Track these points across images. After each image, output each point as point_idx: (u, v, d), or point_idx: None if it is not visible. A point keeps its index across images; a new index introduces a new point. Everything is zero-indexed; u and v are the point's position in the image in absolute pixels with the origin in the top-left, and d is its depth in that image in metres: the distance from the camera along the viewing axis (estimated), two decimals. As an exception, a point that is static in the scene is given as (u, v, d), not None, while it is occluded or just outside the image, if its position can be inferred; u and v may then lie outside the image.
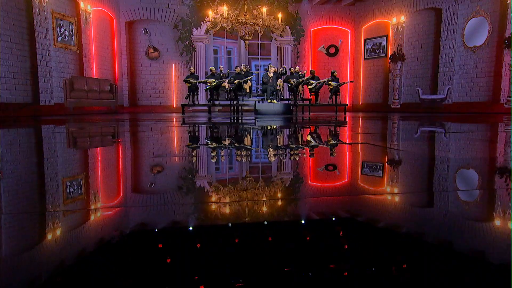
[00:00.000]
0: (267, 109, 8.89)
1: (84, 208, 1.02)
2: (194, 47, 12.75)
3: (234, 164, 1.79)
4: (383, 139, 2.82)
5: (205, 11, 11.80)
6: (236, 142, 2.71)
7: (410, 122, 5.47)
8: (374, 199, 1.10)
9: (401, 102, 12.04)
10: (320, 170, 1.56)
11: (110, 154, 2.16)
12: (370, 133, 3.35)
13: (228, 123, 5.37)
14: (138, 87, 12.82)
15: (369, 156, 1.95)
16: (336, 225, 0.89)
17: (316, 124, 5.02)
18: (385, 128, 4.06)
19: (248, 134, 3.40)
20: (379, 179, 1.41)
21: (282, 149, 2.20)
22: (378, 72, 12.83)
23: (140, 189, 1.27)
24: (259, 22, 9.83)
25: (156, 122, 5.59)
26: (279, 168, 1.63)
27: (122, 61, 12.36)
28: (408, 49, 11.77)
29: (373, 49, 12.96)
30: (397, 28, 11.98)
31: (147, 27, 12.48)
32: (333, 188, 1.26)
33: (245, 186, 1.25)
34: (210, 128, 4.41)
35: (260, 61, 13.62)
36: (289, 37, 13.15)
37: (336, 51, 13.72)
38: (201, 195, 1.17)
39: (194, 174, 1.50)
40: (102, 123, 5.25)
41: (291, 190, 1.23)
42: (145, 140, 2.85)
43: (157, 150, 2.21)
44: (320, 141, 2.67)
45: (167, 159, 1.85)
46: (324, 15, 13.39)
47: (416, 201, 1.08)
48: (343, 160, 1.87)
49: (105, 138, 3.17)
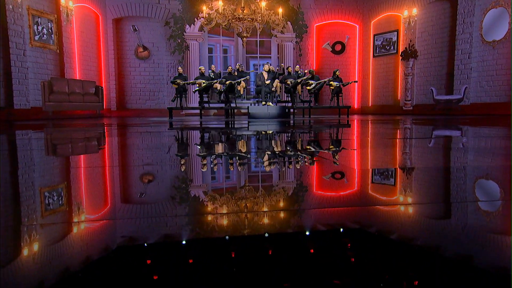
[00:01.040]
0: (261, 112, 8.75)
1: (65, 221, 1.02)
2: (187, 46, 12.72)
3: (198, 177, 1.73)
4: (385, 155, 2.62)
5: (198, 6, 11.87)
6: (210, 151, 2.67)
7: (423, 128, 5.30)
8: (384, 210, 1.11)
9: (414, 103, 11.86)
10: (305, 186, 1.50)
11: (81, 163, 2.16)
12: (369, 145, 3.15)
13: (216, 129, 5.38)
14: (127, 89, 12.79)
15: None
16: (344, 238, 0.90)
17: (311, 130, 4.99)
18: (390, 136, 3.87)
19: (231, 142, 3.31)
20: (389, 188, 1.40)
21: (263, 162, 2.12)
22: (389, 71, 12.65)
23: (114, 200, 1.27)
24: (257, 18, 9.77)
25: (141, 127, 5.59)
26: (258, 188, 1.49)
27: (109, 61, 12.33)
28: (421, 45, 11.59)
29: (383, 46, 12.81)
30: (409, 22, 11.82)
31: (136, 25, 12.47)
32: (333, 200, 1.26)
33: (221, 205, 1.20)
34: (191, 134, 4.38)
35: (259, 60, 13.48)
36: (291, 34, 13.07)
37: (343, 48, 13.58)
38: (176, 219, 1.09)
39: (168, 190, 1.43)
40: (79, 129, 5.21)
41: (273, 205, 1.20)
42: (115, 148, 2.86)
43: (121, 159, 2.20)
44: (303, 152, 2.52)
45: (136, 168, 1.85)
46: (329, 9, 13.27)
47: (431, 212, 1.09)
48: (332, 170, 1.82)
49: (69, 145, 3.14)
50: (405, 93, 11.99)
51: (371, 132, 4.31)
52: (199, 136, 4.17)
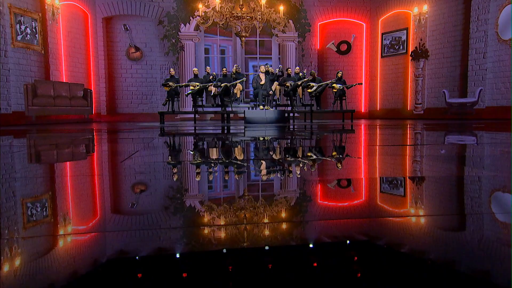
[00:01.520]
0: (258, 117, 8.65)
1: (49, 234, 1.02)
2: (182, 46, 12.67)
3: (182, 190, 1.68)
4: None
5: (194, 4, 11.79)
6: (197, 158, 2.66)
7: (434, 133, 5.19)
8: (394, 222, 1.12)
9: (425, 107, 11.77)
10: (304, 197, 1.47)
11: (66, 171, 2.16)
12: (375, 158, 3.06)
13: (209, 135, 5.43)
14: (118, 93, 12.71)
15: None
16: (351, 251, 0.91)
17: (311, 135, 4.94)
18: (399, 143, 3.79)
19: (222, 151, 3.24)
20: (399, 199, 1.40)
21: (260, 171, 2.10)
22: (398, 72, 12.56)
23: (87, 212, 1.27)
24: (257, 16, 9.73)
25: (129, 132, 5.62)
26: (254, 200, 1.44)
27: (98, 62, 12.26)
28: (432, 44, 11.49)
29: (391, 45, 12.73)
30: (419, 20, 11.74)
31: (127, 24, 12.43)
32: (337, 211, 1.27)
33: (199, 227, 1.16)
34: (179, 141, 4.41)
35: (259, 61, 13.35)
36: (293, 33, 12.99)
37: (349, 48, 13.48)
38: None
39: (158, 200, 1.43)
40: (62, 135, 5.16)
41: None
42: (100, 155, 2.90)
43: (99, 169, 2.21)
44: (302, 161, 2.47)
45: (126, 178, 1.86)
46: (334, 6, 13.19)
47: (445, 224, 1.10)
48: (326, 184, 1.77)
49: (52, 152, 3.15)
50: (415, 96, 11.90)
51: (377, 138, 4.28)
52: (187, 143, 4.14)
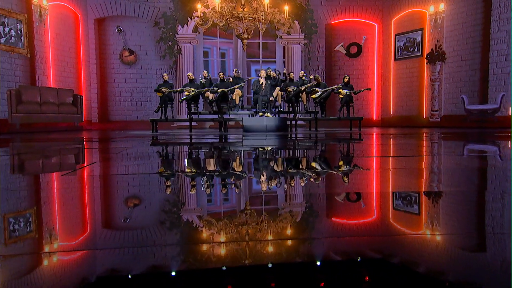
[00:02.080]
0: (257, 125, 8.53)
1: (34, 251, 1.04)
2: (179, 49, 12.65)
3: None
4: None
5: (192, 4, 11.76)
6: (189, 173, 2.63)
7: (451, 143, 5.13)
8: (408, 241, 1.12)
9: (442, 114, 11.64)
10: (306, 213, 1.49)
11: (49, 184, 2.16)
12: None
13: (201, 144, 5.49)
14: (110, 99, 12.69)
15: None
16: (363, 270, 0.92)
17: (315, 145, 4.98)
18: (412, 153, 3.76)
19: (211, 162, 3.20)
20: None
21: (259, 182, 2.14)
22: (413, 76, 12.46)
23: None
24: (260, 17, 9.64)
25: (118, 141, 5.71)
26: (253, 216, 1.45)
27: (90, 67, 12.25)
28: (449, 46, 11.37)
29: (405, 47, 12.66)
30: (435, 19, 11.64)
31: (121, 25, 12.42)
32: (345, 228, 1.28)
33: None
34: (169, 151, 4.45)
35: (262, 65, 13.26)
36: (298, 35, 12.94)
37: (359, 51, 13.41)
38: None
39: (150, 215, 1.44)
40: (40, 145, 5.16)
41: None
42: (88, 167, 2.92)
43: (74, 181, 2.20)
44: (304, 173, 2.46)
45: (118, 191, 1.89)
46: (343, 6, 13.10)
47: (463, 244, 1.10)
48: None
49: (37, 163, 3.15)
50: (431, 102, 11.79)
51: (387, 149, 4.29)
52: (171, 153, 4.13)
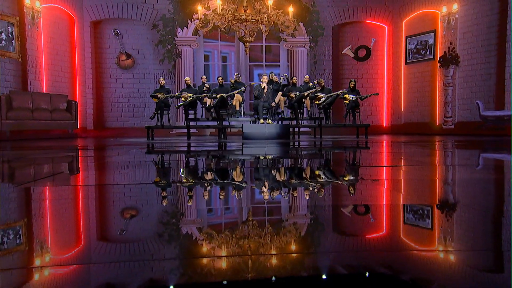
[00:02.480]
0: (257, 132, 8.61)
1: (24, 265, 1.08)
2: (178, 53, 12.67)
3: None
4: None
5: (192, 6, 11.74)
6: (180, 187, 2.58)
7: (465, 152, 5.15)
8: (420, 257, 1.13)
9: (456, 120, 11.51)
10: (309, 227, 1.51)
11: (38, 194, 2.16)
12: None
13: (197, 152, 5.50)
14: (106, 105, 12.70)
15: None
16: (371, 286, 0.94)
17: (315, 154, 4.90)
18: (422, 163, 3.69)
19: (203, 174, 3.17)
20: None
21: (261, 192, 2.16)
22: (425, 81, 12.35)
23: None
24: (263, 19, 9.67)
25: (108, 149, 5.72)
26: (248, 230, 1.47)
27: (85, 71, 12.28)
28: (463, 49, 11.26)
29: (417, 50, 12.59)
30: (448, 20, 11.56)
31: (118, 28, 12.44)
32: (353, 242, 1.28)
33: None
34: (163, 160, 4.46)
35: (265, 69, 13.23)
36: (303, 37, 12.90)
37: (368, 54, 13.34)
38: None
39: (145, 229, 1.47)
40: (35, 153, 5.20)
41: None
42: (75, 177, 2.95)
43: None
44: (307, 185, 2.43)
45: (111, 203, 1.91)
46: (350, 7, 13.04)
47: (478, 262, 1.10)
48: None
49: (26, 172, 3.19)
50: (444, 108, 11.68)
51: (395, 158, 4.29)
52: (160, 163, 4.13)
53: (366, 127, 8.76)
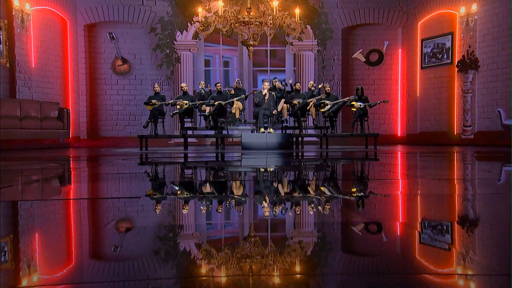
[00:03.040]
0: (257, 142, 8.55)
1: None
2: (177, 57, 12.70)
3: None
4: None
5: (192, 8, 11.82)
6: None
7: (486, 165, 5.07)
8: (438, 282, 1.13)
9: (475, 130, 11.33)
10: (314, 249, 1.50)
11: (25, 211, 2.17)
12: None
13: (191, 163, 5.52)
14: (101, 113, 12.72)
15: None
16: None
17: (318, 166, 4.87)
18: (437, 176, 3.72)
19: (187, 190, 3.09)
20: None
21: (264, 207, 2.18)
22: (442, 87, 12.22)
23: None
24: (268, 21, 9.59)
25: (93, 160, 5.77)
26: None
27: (78, 77, 12.33)
28: (483, 52, 11.13)
29: (433, 54, 12.48)
30: (467, 22, 11.44)
31: (113, 32, 12.50)
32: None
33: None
34: (155, 173, 4.47)
35: (270, 74, 13.19)
36: (311, 41, 12.93)
37: (380, 58, 13.28)
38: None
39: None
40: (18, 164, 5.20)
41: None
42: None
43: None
44: (312, 200, 2.45)
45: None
46: (361, 8, 13.00)
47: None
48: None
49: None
50: (463, 117, 11.55)
51: (407, 171, 4.27)
52: (149, 176, 4.12)
53: (375, 136, 8.68)
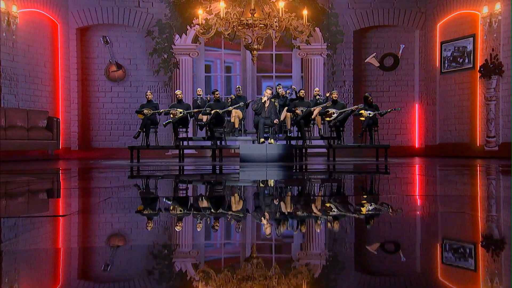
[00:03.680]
0: (255, 154, 8.55)
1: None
2: (176, 63, 12.69)
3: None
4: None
5: (192, 9, 11.83)
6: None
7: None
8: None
9: (500, 141, 11.06)
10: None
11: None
12: None
13: (179, 177, 5.59)
14: (93, 122, 12.72)
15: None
16: None
17: (318, 182, 4.91)
18: (457, 193, 3.77)
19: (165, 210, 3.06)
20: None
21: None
22: (463, 94, 12.03)
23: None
24: (273, 23, 9.54)
25: (86, 172, 5.94)
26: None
27: (70, 84, 12.34)
28: (507, 56, 10.88)
29: (453, 58, 12.28)
30: (490, 23, 11.26)
31: (107, 36, 12.49)
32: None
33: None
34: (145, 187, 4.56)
35: (275, 81, 13.07)
36: (320, 44, 12.86)
37: (396, 63, 13.14)
38: None
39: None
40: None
41: None
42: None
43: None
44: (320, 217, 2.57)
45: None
46: (375, 9, 12.89)
47: None
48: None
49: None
50: (486, 126, 11.32)
51: (421, 187, 4.27)
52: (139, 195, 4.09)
53: (386, 148, 8.59)
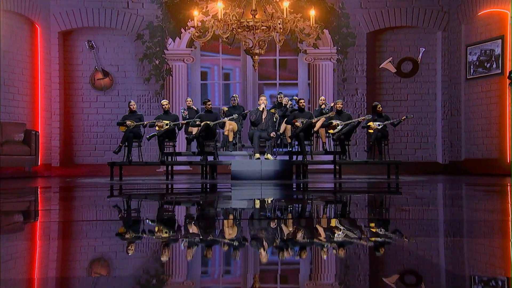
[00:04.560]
0: (249, 170, 8.54)
1: None
2: (169, 69, 12.75)
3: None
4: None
5: (187, 11, 11.86)
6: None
7: None
8: None
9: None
10: None
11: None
12: None
13: (173, 201, 5.74)
14: (77, 135, 12.70)
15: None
16: None
17: (317, 204, 5.02)
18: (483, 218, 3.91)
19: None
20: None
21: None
22: (491, 103, 11.90)
23: None
24: (277, 25, 9.45)
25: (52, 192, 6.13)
26: None
27: (51, 93, 12.33)
28: None
29: (480, 62, 12.18)
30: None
31: (93, 40, 12.53)
32: None
33: None
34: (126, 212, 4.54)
35: (279, 88, 13.16)
36: (329, 48, 12.89)
37: (415, 69, 13.05)
38: None
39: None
40: None
41: None
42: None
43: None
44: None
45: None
46: (391, 8, 12.87)
47: None
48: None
49: None
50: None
51: (437, 211, 4.35)
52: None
53: (397, 164, 8.55)
